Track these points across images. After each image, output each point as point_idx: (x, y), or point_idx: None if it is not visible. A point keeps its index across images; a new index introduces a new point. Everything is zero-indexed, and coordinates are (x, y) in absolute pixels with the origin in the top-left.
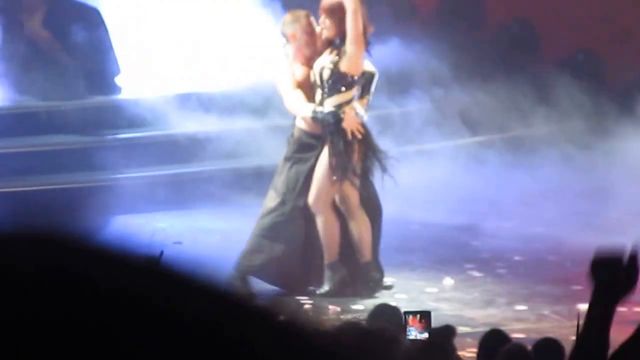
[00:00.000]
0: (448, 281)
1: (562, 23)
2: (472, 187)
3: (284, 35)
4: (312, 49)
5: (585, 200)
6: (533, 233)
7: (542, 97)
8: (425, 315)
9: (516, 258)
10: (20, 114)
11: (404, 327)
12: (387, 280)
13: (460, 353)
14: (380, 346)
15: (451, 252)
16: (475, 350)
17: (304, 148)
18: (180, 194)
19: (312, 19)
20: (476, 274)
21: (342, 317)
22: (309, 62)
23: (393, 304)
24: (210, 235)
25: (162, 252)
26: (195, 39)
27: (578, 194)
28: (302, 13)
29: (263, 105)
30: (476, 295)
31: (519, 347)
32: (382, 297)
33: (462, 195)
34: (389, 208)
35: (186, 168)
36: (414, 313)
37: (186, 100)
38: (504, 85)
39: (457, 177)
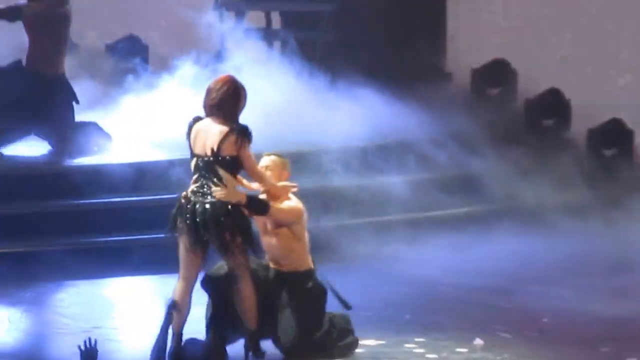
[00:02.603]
0: (478, 342)
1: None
2: (501, 250)
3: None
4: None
5: (611, 266)
6: (561, 296)
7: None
8: None
9: (545, 320)
10: None
11: None
12: None
13: None
14: None
15: (481, 314)
16: None
17: None
18: None
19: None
20: (506, 335)
21: None
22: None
23: None
24: None
25: None
26: None
27: (604, 260)
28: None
29: None
30: (505, 357)
31: None
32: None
33: (492, 258)
34: (420, 270)
35: None
36: None
37: None
38: (536, 152)
39: (486, 241)
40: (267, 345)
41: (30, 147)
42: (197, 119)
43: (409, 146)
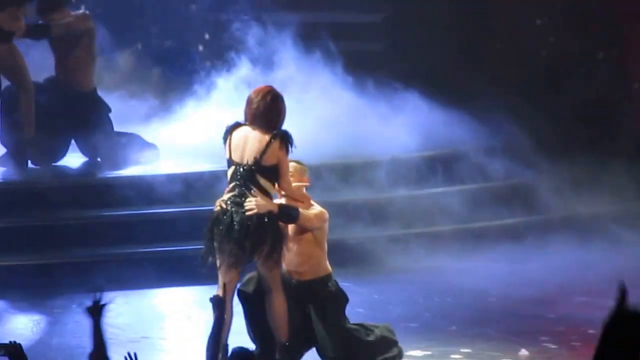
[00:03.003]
0: (523, 353)
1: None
2: (552, 261)
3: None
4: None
5: None
6: (604, 306)
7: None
8: None
9: (590, 331)
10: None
11: None
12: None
13: None
14: None
15: (527, 324)
16: None
17: None
18: None
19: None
20: (551, 346)
21: None
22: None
23: None
24: None
25: None
26: None
27: None
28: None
29: None
30: None
31: None
32: None
33: (542, 269)
34: (467, 281)
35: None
36: None
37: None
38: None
39: (537, 252)
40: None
41: (80, 159)
42: (237, 125)
43: (460, 157)
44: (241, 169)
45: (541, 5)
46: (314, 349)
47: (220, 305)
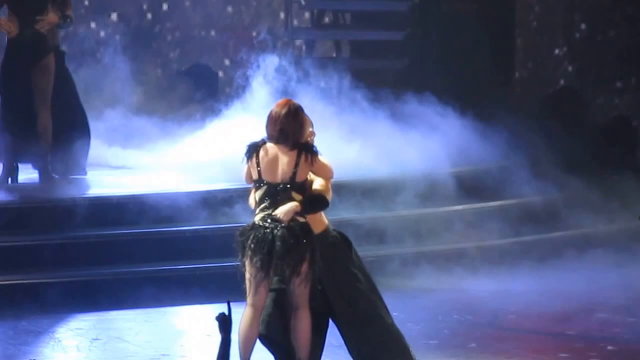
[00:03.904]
0: None
1: None
2: (572, 278)
3: None
4: None
5: None
6: (629, 324)
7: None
8: None
9: (609, 348)
10: None
11: None
12: None
13: None
14: None
15: (546, 341)
16: None
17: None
18: None
19: None
20: None
21: None
22: None
23: None
24: None
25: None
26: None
27: None
28: None
29: None
30: None
31: None
32: None
33: (562, 286)
34: (487, 299)
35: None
36: None
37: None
38: (605, 179)
39: (558, 268)
40: None
41: (96, 175)
42: (260, 144)
43: (482, 174)
44: (277, 188)
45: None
46: None
47: (226, 325)
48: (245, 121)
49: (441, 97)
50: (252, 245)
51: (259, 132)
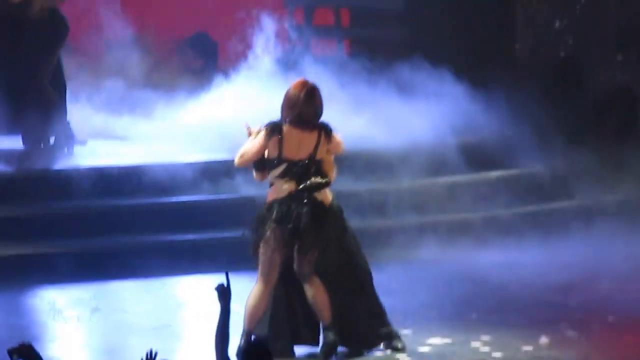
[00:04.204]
0: (543, 340)
1: None
2: (576, 249)
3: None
4: None
5: None
6: (632, 295)
7: None
8: None
9: (610, 318)
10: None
11: None
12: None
13: None
14: None
15: (548, 312)
16: None
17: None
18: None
19: None
20: (571, 333)
21: None
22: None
23: None
24: None
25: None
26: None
27: None
28: None
29: None
30: (571, 355)
31: None
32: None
33: (564, 257)
34: (488, 269)
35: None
36: None
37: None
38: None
39: (561, 239)
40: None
41: (109, 145)
42: (280, 123)
43: (481, 144)
44: (298, 166)
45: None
46: None
47: (224, 295)
48: (245, 91)
49: (442, 67)
50: (276, 220)
51: (259, 101)
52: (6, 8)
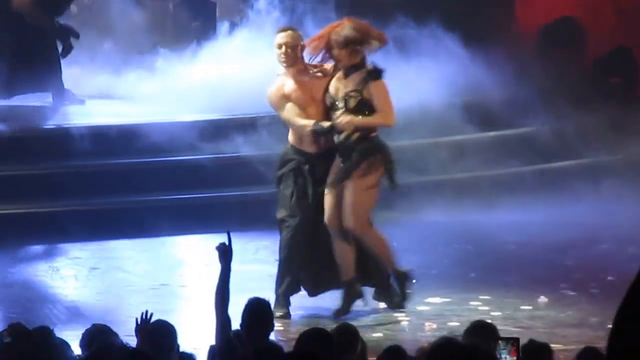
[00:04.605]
0: (542, 300)
1: None
2: (576, 209)
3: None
4: (302, 63)
5: None
6: (626, 253)
7: None
8: (515, 341)
9: (609, 278)
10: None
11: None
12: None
13: None
14: None
15: (546, 272)
16: None
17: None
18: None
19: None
20: (570, 293)
21: (437, 333)
22: (299, 74)
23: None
24: None
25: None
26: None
27: None
28: (290, 30)
29: None
30: (569, 314)
31: None
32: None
33: (564, 217)
34: (488, 229)
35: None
36: (503, 339)
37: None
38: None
39: (561, 199)
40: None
41: (107, 104)
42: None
43: (478, 104)
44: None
45: None
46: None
47: (226, 255)
48: (243, 50)
49: (444, 27)
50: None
51: (260, 60)
52: None
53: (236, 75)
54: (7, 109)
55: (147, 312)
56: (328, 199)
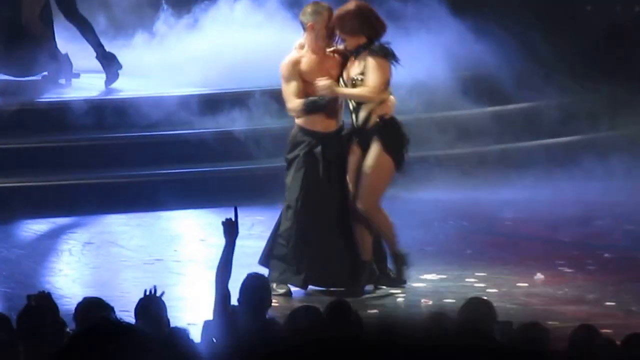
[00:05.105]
0: (538, 277)
1: None
2: (575, 185)
3: (302, 24)
4: (327, 41)
5: None
6: (622, 231)
7: None
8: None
9: (606, 255)
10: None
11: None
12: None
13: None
14: (470, 339)
15: (542, 249)
16: (565, 344)
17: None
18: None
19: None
20: (566, 270)
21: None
22: (322, 53)
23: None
24: None
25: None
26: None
27: None
28: (324, 6)
29: None
30: (566, 291)
31: (609, 342)
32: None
33: (563, 194)
34: (484, 206)
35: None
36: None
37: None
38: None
39: (561, 176)
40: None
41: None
42: None
43: (481, 79)
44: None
45: None
46: None
47: (232, 230)
48: (243, 23)
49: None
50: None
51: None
52: None
53: (234, 47)
54: (3, 83)
55: (155, 287)
56: (350, 182)
